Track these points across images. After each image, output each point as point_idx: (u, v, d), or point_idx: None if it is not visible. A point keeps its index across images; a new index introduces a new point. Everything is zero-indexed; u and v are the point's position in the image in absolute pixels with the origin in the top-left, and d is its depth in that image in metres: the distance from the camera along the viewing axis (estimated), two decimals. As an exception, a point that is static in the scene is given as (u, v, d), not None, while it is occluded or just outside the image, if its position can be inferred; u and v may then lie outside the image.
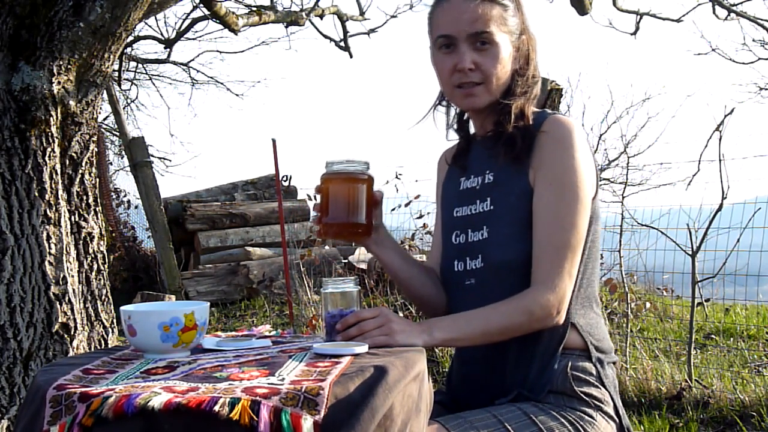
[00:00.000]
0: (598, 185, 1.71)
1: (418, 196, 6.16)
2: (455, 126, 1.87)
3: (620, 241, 4.53)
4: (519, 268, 1.64)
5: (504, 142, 1.70)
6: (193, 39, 9.77)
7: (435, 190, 1.97)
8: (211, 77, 11.13)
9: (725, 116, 3.95)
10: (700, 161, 4.11)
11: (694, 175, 4.19)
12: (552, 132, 1.65)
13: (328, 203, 1.67)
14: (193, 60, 10.89)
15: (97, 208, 2.75)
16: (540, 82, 1.77)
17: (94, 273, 2.72)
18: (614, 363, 1.74)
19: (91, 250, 2.70)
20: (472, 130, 1.88)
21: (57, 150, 2.54)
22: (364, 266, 6.65)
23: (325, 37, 8.28)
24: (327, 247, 8.02)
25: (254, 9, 6.82)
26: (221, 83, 11.23)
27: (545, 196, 1.63)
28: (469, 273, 1.72)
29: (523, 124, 1.69)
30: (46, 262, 2.45)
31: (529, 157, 1.67)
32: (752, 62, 8.93)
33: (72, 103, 2.56)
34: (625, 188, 4.65)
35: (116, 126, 8.67)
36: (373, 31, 8.64)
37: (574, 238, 1.62)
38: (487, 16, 1.67)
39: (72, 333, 2.50)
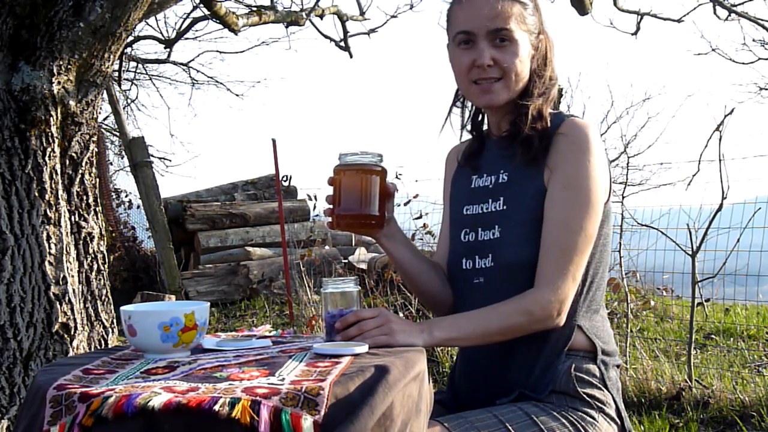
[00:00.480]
0: (611, 188, 1.71)
1: (416, 195, 6.16)
2: (469, 126, 1.86)
3: (620, 241, 4.53)
4: (530, 269, 1.63)
5: (521, 143, 1.69)
6: (193, 39, 9.77)
7: (443, 185, 1.96)
8: (211, 77, 11.13)
9: (725, 116, 3.95)
10: (700, 161, 4.11)
11: (694, 175, 4.19)
12: (569, 135, 1.65)
13: (341, 194, 1.66)
14: (193, 60, 10.89)
15: (97, 208, 2.75)
16: (557, 84, 1.76)
17: (94, 273, 2.71)
18: (618, 366, 1.74)
19: (91, 250, 2.70)
20: (485, 126, 1.87)
21: (57, 150, 2.54)
22: (364, 266, 6.65)
23: (325, 37, 8.27)
24: (327, 247, 8.03)
25: (254, 9, 6.81)
26: (221, 83, 11.23)
27: (557, 199, 1.62)
28: (478, 271, 1.72)
29: (540, 126, 1.68)
30: (46, 262, 2.45)
31: (544, 158, 1.66)
32: (752, 62, 8.93)
33: (72, 103, 2.56)
34: (625, 188, 4.64)
35: (116, 126, 8.67)
36: (373, 31, 8.63)
37: (582, 241, 1.61)
38: (507, 13, 1.66)
39: (72, 333, 2.50)
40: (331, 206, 1.70)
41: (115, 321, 2.78)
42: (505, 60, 1.67)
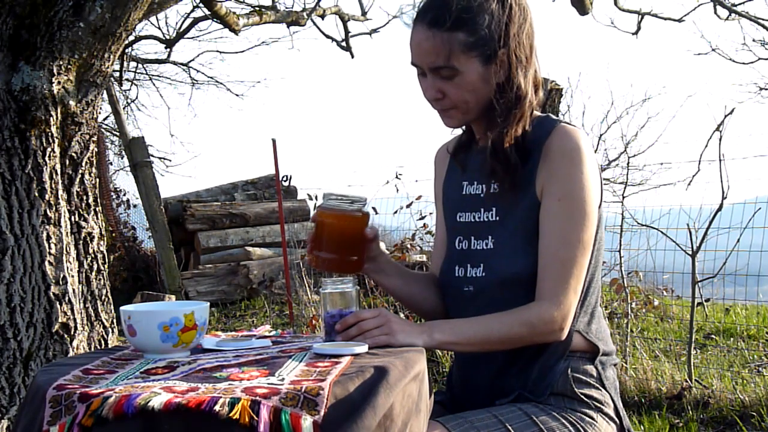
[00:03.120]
0: (602, 193, 1.69)
1: (419, 197, 6.16)
2: None
3: (620, 241, 4.53)
4: (522, 282, 1.62)
5: (504, 172, 1.64)
6: (194, 39, 9.76)
7: (433, 186, 1.93)
8: (211, 77, 11.12)
9: (725, 116, 3.95)
10: (700, 161, 4.11)
11: (694, 175, 4.19)
12: (561, 145, 1.61)
13: (322, 238, 1.67)
14: (193, 60, 10.87)
15: (97, 208, 2.75)
16: (528, 98, 1.64)
17: (94, 273, 2.72)
18: (615, 364, 1.74)
19: (91, 250, 2.71)
20: None
21: (57, 150, 2.54)
22: (364, 266, 6.63)
23: (327, 36, 8.28)
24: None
25: (255, 9, 6.82)
26: (221, 83, 11.22)
27: (552, 211, 1.61)
28: (469, 280, 1.71)
29: (520, 146, 1.63)
30: (46, 262, 2.45)
31: (536, 168, 1.63)
32: (752, 62, 8.93)
33: (72, 103, 2.56)
34: (625, 188, 4.64)
35: (116, 126, 8.67)
36: (375, 31, 8.63)
37: (581, 254, 1.60)
38: (448, 49, 1.58)
39: (72, 333, 2.50)
40: (312, 243, 1.68)
41: (115, 321, 2.78)
42: (451, 93, 1.62)
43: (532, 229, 1.63)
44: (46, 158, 2.49)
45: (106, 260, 2.80)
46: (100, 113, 2.89)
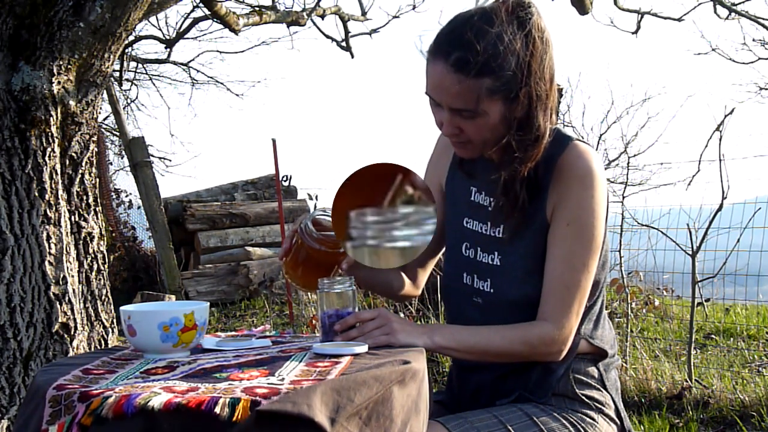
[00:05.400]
0: (608, 208, 1.66)
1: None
2: None
3: (620, 241, 4.53)
4: (532, 303, 1.62)
5: (512, 212, 1.62)
6: (194, 39, 9.76)
7: (428, 164, 1.86)
8: (211, 77, 11.12)
9: (725, 116, 3.95)
10: (700, 161, 4.11)
11: (694, 175, 4.19)
12: (574, 167, 1.59)
13: (297, 258, 1.67)
14: (193, 60, 10.86)
15: (97, 208, 2.75)
16: (548, 131, 1.58)
17: (94, 273, 2.72)
18: (617, 366, 1.74)
19: (91, 250, 2.70)
20: None
21: (57, 150, 2.54)
22: (364, 266, 6.63)
23: (327, 37, 8.28)
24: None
25: (255, 9, 6.82)
26: (221, 83, 11.22)
27: (560, 236, 1.59)
28: (477, 291, 1.69)
29: (532, 180, 1.60)
30: (46, 262, 2.45)
31: (547, 188, 1.60)
32: (752, 62, 8.93)
33: (72, 103, 2.56)
34: (625, 188, 4.64)
35: (116, 126, 8.67)
36: (374, 31, 8.63)
37: (585, 279, 1.59)
38: (475, 96, 1.51)
39: (72, 333, 2.50)
40: (287, 255, 1.68)
41: (115, 321, 2.78)
42: (470, 131, 1.56)
43: (542, 252, 1.61)
44: (46, 158, 2.49)
45: (106, 260, 2.80)
46: (100, 113, 2.89)
